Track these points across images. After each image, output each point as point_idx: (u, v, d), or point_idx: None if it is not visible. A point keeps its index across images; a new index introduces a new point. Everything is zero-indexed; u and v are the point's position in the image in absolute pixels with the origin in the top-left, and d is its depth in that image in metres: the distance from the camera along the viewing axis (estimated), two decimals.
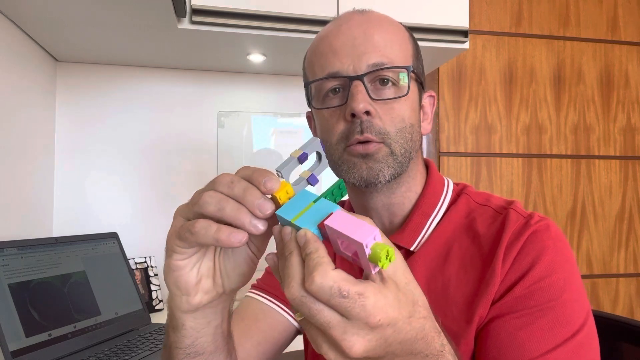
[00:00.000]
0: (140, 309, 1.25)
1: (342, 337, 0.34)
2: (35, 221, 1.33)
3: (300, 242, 0.37)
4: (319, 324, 0.35)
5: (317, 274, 0.34)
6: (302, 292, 0.35)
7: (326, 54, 0.63)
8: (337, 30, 0.63)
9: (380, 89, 0.61)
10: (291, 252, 0.37)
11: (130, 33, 1.25)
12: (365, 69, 0.60)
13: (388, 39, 0.62)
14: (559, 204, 1.91)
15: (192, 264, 0.44)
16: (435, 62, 1.54)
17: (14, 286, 0.96)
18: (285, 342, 0.76)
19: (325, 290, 0.34)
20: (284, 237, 0.38)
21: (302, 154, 0.43)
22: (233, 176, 0.40)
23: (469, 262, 0.60)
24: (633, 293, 1.96)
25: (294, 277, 0.35)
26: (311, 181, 0.43)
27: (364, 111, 0.59)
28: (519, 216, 0.60)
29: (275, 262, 0.40)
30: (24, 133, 1.25)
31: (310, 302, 0.35)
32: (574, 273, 0.57)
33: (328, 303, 0.34)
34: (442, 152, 1.83)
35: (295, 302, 0.35)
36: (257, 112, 1.61)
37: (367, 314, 0.34)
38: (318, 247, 0.36)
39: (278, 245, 0.39)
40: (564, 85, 1.94)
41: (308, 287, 0.34)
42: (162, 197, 1.54)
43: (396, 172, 0.62)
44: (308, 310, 0.35)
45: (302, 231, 0.37)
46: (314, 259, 0.35)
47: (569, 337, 0.52)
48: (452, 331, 0.57)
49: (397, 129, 0.61)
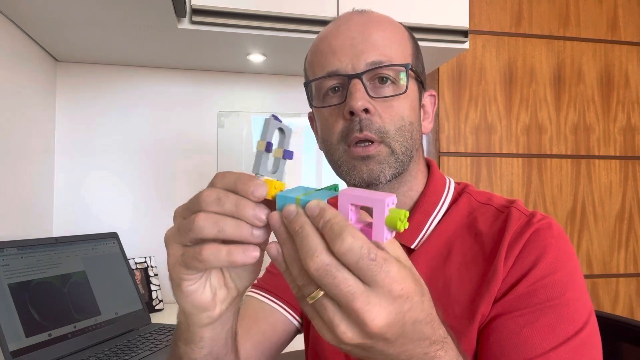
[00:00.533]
0: (140, 309, 1.25)
1: (366, 308, 0.33)
2: (35, 221, 1.33)
3: (312, 213, 0.35)
4: (343, 294, 0.33)
5: (347, 234, 0.33)
6: (329, 258, 0.34)
7: (325, 54, 0.63)
8: (336, 31, 0.64)
9: (379, 87, 0.61)
10: (302, 225, 0.35)
11: (130, 33, 1.25)
12: (363, 67, 0.60)
13: (387, 38, 0.63)
14: (559, 204, 1.91)
15: (203, 283, 0.42)
16: (435, 62, 1.54)
17: (14, 286, 0.96)
18: (285, 342, 0.76)
19: (356, 251, 0.33)
20: (288, 215, 0.36)
21: (267, 144, 0.41)
22: (218, 191, 0.38)
23: (471, 260, 0.60)
24: (633, 293, 1.96)
25: (316, 247, 0.34)
26: (287, 156, 0.42)
27: (363, 109, 0.59)
28: (521, 214, 0.60)
29: (279, 250, 0.38)
30: (24, 133, 1.25)
31: (335, 270, 0.33)
32: (577, 271, 0.57)
33: (356, 266, 0.33)
34: (442, 152, 1.83)
35: (320, 272, 0.33)
36: (257, 112, 1.61)
37: (392, 280, 0.33)
38: (336, 213, 0.35)
39: (279, 229, 0.37)
40: (564, 85, 1.94)
41: (338, 248, 0.33)
42: (162, 197, 1.54)
43: (397, 172, 0.62)
44: (332, 279, 0.33)
45: (314, 201, 0.36)
46: (338, 223, 0.34)
47: (571, 335, 0.52)
48: (454, 329, 0.57)
49: (397, 127, 0.61)
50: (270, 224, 0.38)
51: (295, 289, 0.38)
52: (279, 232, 0.37)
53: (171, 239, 0.41)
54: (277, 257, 0.38)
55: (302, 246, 0.35)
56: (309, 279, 0.35)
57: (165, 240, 0.41)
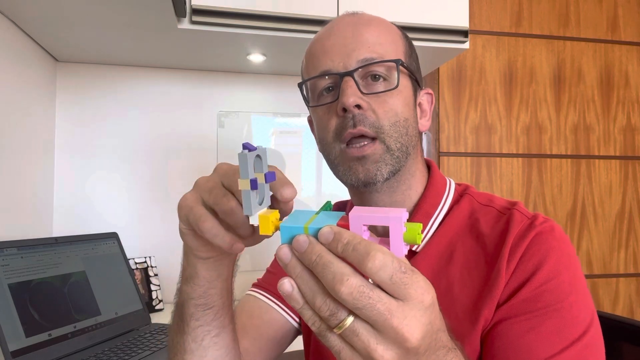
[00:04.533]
0: (140, 309, 1.24)
1: (404, 323, 0.32)
2: (35, 221, 1.33)
3: (327, 239, 0.34)
4: (380, 313, 0.32)
5: (377, 251, 0.32)
6: (360, 279, 0.33)
7: (318, 55, 0.64)
8: (328, 33, 0.65)
9: (372, 83, 0.62)
10: (319, 254, 0.34)
11: (130, 33, 1.25)
12: (355, 64, 0.61)
13: (378, 36, 0.63)
14: (559, 204, 1.91)
15: None
16: (435, 62, 1.54)
17: (14, 286, 0.96)
18: (283, 340, 0.75)
19: (388, 265, 0.32)
20: (299, 247, 0.35)
21: (251, 183, 0.37)
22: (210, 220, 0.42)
23: (473, 263, 0.60)
24: (633, 293, 1.96)
25: (343, 271, 0.33)
26: (269, 179, 0.39)
27: (355, 104, 0.60)
28: (523, 217, 0.60)
29: (293, 285, 0.36)
30: (24, 133, 1.25)
31: (369, 290, 0.32)
32: (579, 275, 0.57)
33: (390, 281, 0.32)
34: (442, 152, 1.83)
35: (354, 295, 0.32)
36: (257, 112, 1.61)
37: (423, 291, 0.33)
38: (353, 234, 0.34)
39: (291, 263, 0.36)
40: (564, 85, 1.94)
41: (371, 266, 0.32)
42: (162, 197, 1.54)
43: (394, 169, 0.62)
44: (368, 299, 0.32)
45: (326, 227, 0.34)
46: (361, 242, 0.33)
47: (576, 339, 0.52)
48: (457, 332, 0.57)
49: (391, 122, 0.61)
50: (278, 259, 0.36)
51: (316, 324, 0.36)
52: (291, 265, 0.36)
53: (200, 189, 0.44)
54: (291, 294, 0.36)
55: (327, 274, 0.33)
56: (336, 307, 0.34)
57: (197, 183, 0.45)
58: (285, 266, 0.36)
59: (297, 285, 0.36)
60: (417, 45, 0.72)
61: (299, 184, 1.62)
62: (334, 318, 0.34)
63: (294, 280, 0.36)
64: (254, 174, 0.38)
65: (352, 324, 0.33)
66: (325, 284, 0.34)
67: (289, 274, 0.36)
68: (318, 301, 0.34)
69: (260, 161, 0.39)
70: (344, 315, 0.34)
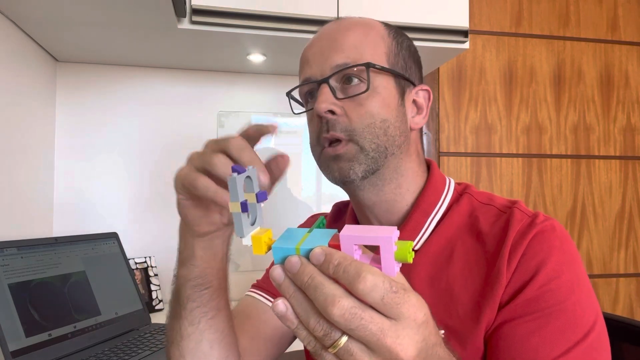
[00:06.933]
0: (140, 309, 1.25)
1: (397, 342, 0.33)
2: (35, 221, 1.33)
3: (318, 260, 0.35)
4: (372, 333, 0.33)
5: (367, 272, 0.32)
6: (351, 300, 0.33)
7: (302, 64, 0.67)
8: (312, 41, 0.68)
9: (347, 87, 0.63)
10: (311, 275, 0.34)
11: (130, 33, 1.25)
12: (329, 71, 0.63)
13: (355, 40, 0.64)
14: (559, 204, 1.92)
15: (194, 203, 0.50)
16: (435, 62, 1.54)
17: (14, 286, 0.96)
18: (282, 341, 0.75)
19: (379, 287, 0.32)
20: (291, 268, 0.35)
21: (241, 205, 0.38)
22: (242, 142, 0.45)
23: (474, 261, 0.60)
24: (633, 293, 1.96)
25: (334, 292, 0.33)
26: (261, 199, 0.40)
27: (327, 110, 0.61)
28: (523, 215, 0.60)
29: (286, 305, 0.36)
30: (24, 133, 1.25)
31: (361, 311, 0.33)
32: (582, 273, 0.57)
33: (381, 302, 0.33)
34: (442, 152, 1.83)
35: (346, 317, 0.33)
36: (257, 112, 1.61)
37: (415, 309, 0.34)
38: (344, 255, 0.34)
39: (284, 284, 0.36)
40: (564, 85, 1.94)
41: (363, 288, 0.32)
42: (162, 197, 1.54)
43: (370, 168, 0.62)
44: (360, 320, 0.33)
45: (317, 249, 0.35)
46: (352, 264, 0.33)
47: (580, 338, 0.52)
48: (458, 332, 0.57)
49: (365, 124, 0.62)
50: (272, 280, 0.37)
51: (311, 344, 0.36)
52: (284, 286, 0.36)
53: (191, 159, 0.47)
54: (285, 314, 0.36)
55: (318, 295, 0.34)
56: (330, 327, 0.34)
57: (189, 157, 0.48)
58: (278, 286, 0.36)
59: (291, 306, 0.36)
60: (417, 45, 0.72)
61: (299, 184, 1.62)
62: (328, 338, 0.34)
63: (288, 301, 0.36)
64: (245, 195, 0.39)
65: (346, 343, 0.34)
66: (318, 306, 0.34)
67: (282, 294, 0.36)
68: (312, 321, 0.35)
69: (251, 182, 0.41)
70: (338, 335, 0.34)
